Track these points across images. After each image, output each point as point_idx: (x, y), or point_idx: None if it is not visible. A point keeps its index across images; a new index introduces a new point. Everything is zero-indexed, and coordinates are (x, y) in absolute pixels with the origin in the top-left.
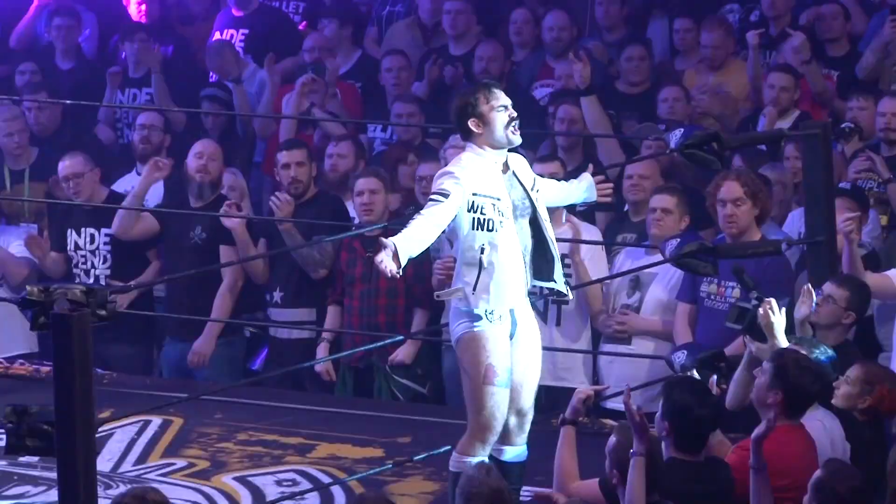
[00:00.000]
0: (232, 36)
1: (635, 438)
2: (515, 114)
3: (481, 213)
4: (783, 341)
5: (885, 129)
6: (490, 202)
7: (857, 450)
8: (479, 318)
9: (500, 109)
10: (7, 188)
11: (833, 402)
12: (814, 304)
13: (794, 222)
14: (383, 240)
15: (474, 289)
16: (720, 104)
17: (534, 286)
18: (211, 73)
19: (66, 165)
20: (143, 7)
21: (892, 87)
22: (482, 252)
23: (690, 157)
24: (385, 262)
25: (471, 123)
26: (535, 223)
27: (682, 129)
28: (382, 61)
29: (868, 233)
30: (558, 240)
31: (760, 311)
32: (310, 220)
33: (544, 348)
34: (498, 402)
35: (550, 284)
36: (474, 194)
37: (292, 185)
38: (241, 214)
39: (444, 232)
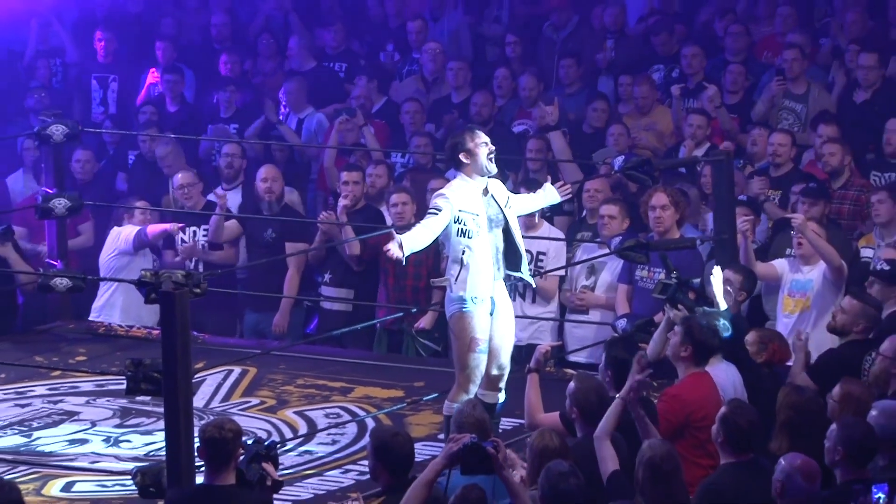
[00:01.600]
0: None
1: (626, 388)
2: (493, 147)
3: (464, 224)
4: (722, 303)
5: (773, 155)
6: (471, 217)
7: (760, 394)
8: (466, 301)
9: (482, 145)
10: None
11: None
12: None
13: (706, 224)
14: (394, 233)
15: (456, 279)
16: (652, 139)
17: (507, 275)
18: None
19: (182, 177)
20: (229, 66)
21: (778, 126)
22: (463, 253)
23: (629, 177)
24: (392, 249)
25: (462, 157)
26: (507, 231)
27: (624, 156)
28: (402, 106)
29: (760, 232)
30: (536, 237)
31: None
32: (359, 224)
33: (526, 317)
34: (478, 363)
35: (519, 274)
36: (460, 210)
37: (349, 197)
38: (301, 219)
39: (439, 236)
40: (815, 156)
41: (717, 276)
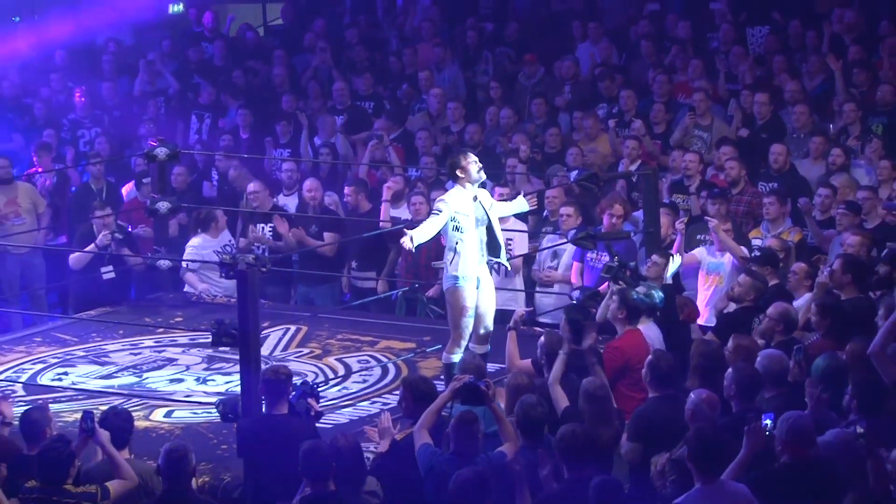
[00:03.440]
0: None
1: (565, 345)
2: (481, 164)
3: (458, 222)
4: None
5: (684, 170)
6: (463, 216)
7: (678, 345)
8: (458, 279)
9: (473, 162)
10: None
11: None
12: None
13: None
14: (406, 230)
15: (451, 263)
16: (597, 158)
17: (490, 259)
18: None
19: (252, 186)
20: (287, 104)
21: (690, 148)
22: (457, 244)
23: (581, 186)
24: (405, 242)
25: (458, 172)
26: (489, 227)
27: (577, 170)
28: (416, 133)
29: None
30: (506, 230)
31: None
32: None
33: (505, 289)
34: (468, 325)
35: (498, 259)
36: (456, 212)
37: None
38: (334, 217)
39: (440, 231)
40: (717, 168)
41: (676, 262)
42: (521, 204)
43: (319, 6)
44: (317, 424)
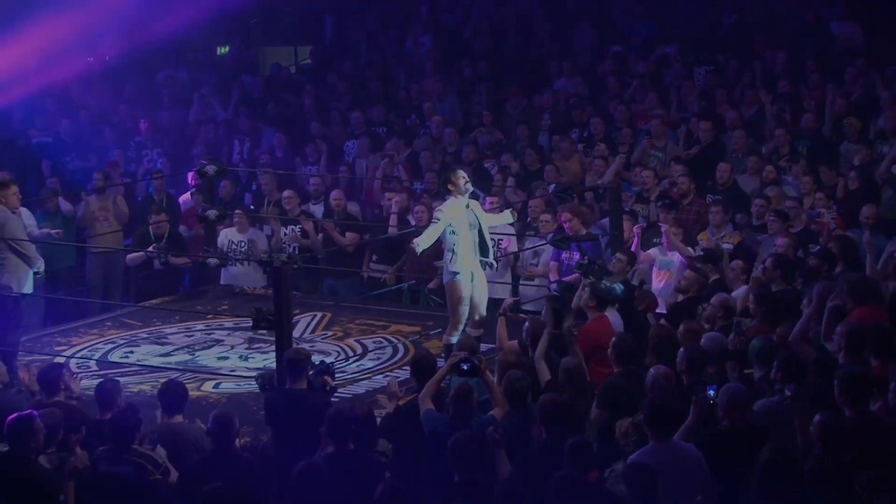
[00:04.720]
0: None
1: (548, 328)
2: (468, 179)
3: (453, 227)
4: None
5: (643, 183)
6: (458, 222)
7: (638, 330)
8: (455, 273)
9: (462, 178)
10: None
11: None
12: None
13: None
14: (413, 239)
15: (449, 261)
16: (571, 174)
17: (481, 259)
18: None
19: (287, 193)
20: (315, 129)
21: (648, 166)
22: (454, 245)
23: (559, 197)
24: (413, 247)
25: (449, 186)
26: (480, 231)
27: (555, 184)
28: (420, 154)
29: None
30: (501, 233)
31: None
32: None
33: (494, 281)
34: (464, 312)
35: (488, 259)
36: (451, 219)
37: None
38: (356, 222)
39: (439, 238)
40: (670, 184)
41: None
42: (507, 216)
43: (341, 49)
44: (333, 397)
